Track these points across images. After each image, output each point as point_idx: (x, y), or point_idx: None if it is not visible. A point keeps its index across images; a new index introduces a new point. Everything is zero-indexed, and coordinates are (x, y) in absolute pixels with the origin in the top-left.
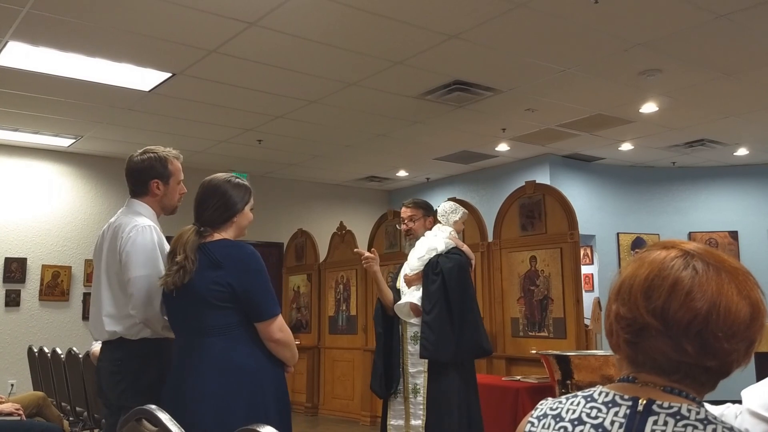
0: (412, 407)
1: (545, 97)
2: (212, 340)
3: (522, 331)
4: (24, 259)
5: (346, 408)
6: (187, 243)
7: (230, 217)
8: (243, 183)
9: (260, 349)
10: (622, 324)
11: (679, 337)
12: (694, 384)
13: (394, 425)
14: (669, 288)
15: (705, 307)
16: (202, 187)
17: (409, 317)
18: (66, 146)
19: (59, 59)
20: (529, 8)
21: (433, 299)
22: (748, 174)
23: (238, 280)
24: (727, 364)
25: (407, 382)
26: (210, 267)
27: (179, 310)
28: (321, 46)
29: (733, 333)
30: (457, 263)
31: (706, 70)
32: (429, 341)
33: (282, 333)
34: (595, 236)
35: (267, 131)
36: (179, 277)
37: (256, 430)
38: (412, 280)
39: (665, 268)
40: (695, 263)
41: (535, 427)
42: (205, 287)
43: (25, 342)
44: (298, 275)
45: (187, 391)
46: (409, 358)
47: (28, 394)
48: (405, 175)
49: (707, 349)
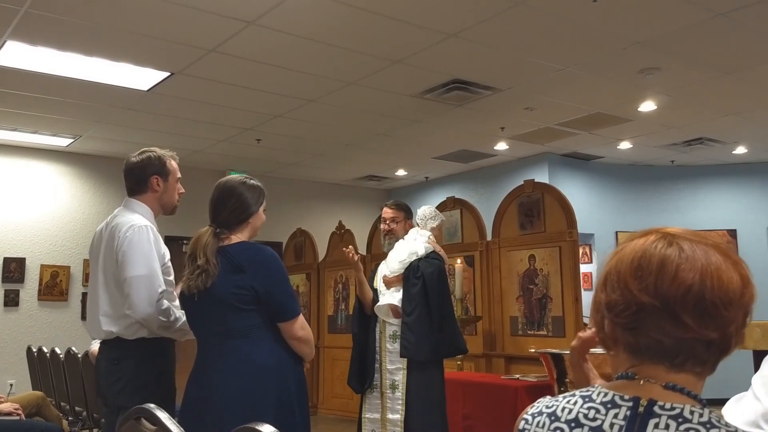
0: (390, 402)
1: (544, 95)
2: (236, 342)
3: (521, 330)
4: (23, 259)
5: (345, 407)
6: (206, 246)
7: (246, 219)
8: (257, 184)
9: (282, 347)
10: (616, 311)
11: (677, 310)
12: (697, 364)
13: (369, 418)
14: (658, 264)
15: (697, 277)
16: (218, 189)
17: (388, 317)
18: (65, 146)
19: (58, 59)
20: (528, 7)
21: (413, 302)
22: (747, 172)
23: (261, 283)
24: (728, 336)
25: (384, 378)
26: (232, 271)
27: (201, 313)
28: (319, 45)
29: (729, 300)
30: (437, 268)
31: (705, 69)
32: (409, 341)
33: (304, 330)
34: (594, 235)
35: (266, 130)
36: (201, 281)
37: (256, 429)
38: (392, 282)
39: (649, 248)
40: (678, 242)
41: (529, 424)
42: (228, 291)
43: (24, 342)
44: (297, 274)
45: (215, 393)
46: (387, 355)
47: (27, 394)
48: (404, 174)
49: (707, 319)
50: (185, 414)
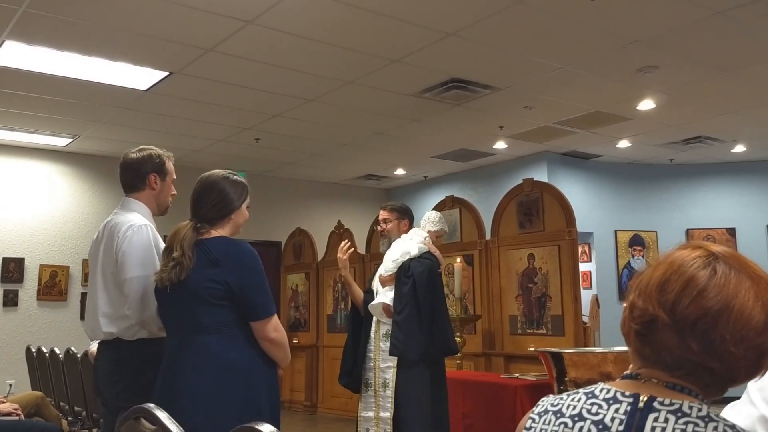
0: (382, 400)
1: (543, 94)
2: (206, 338)
3: (520, 329)
4: (22, 259)
5: (344, 407)
6: (183, 239)
7: (227, 214)
8: (240, 180)
9: (254, 347)
10: (635, 314)
11: (685, 333)
12: (698, 383)
13: (364, 416)
14: (683, 284)
15: (716, 307)
16: (200, 183)
17: (382, 317)
18: (63, 146)
19: (56, 58)
20: (527, 6)
21: (403, 301)
22: (746, 170)
23: (236, 279)
24: (734, 370)
25: (377, 377)
26: (207, 264)
27: (173, 306)
28: (318, 44)
29: (742, 338)
30: (427, 267)
31: (703, 67)
32: (398, 340)
33: (277, 333)
34: (593, 234)
35: (264, 130)
36: (175, 273)
37: (256, 428)
38: (386, 281)
39: (684, 265)
40: (716, 264)
41: (536, 423)
42: (201, 285)
43: (23, 342)
44: (296, 274)
45: (181, 388)
46: (380, 354)
47: (26, 394)
48: (403, 173)
49: (712, 350)
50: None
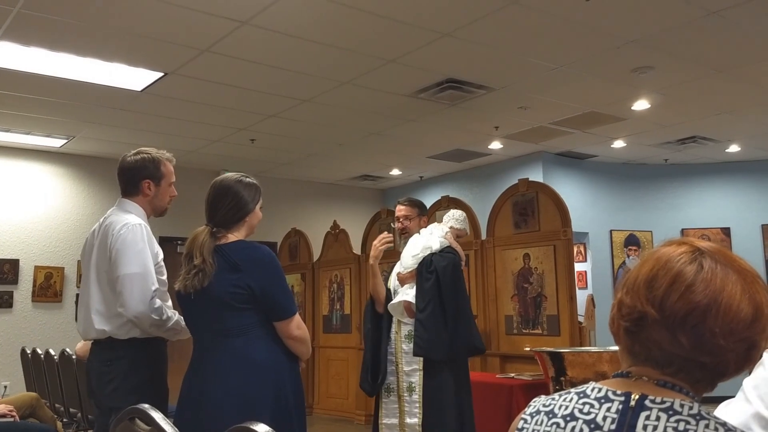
0: (407, 405)
1: (538, 94)
2: (233, 340)
3: (516, 329)
4: (16, 261)
5: (340, 407)
6: (203, 246)
7: (242, 217)
8: (253, 182)
9: (278, 345)
10: (623, 312)
11: (674, 328)
12: (689, 379)
13: (387, 424)
14: (671, 279)
15: (704, 302)
16: (214, 187)
17: (403, 317)
18: (58, 147)
19: (50, 59)
20: (522, 6)
21: (426, 297)
22: (740, 170)
23: (258, 282)
24: (723, 363)
25: (401, 381)
26: (228, 269)
27: (198, 312)
28: (313, 44)
29: (731, 331)
30: (451, 262)
31: (698, 67)
32: (422, 339)
33: (300, 330)
34: (589, 233)
35: (260, 130)
36: (198, 280)
37: (251, 428)
38: (406, 279)
39: (671, 260)
40: (703, 259)
41: (528, 423)
42: (224, 290)
43: (18, 343)
44: (292, 274)
45: (212, 390)
46: (403, 356)
47: (21, 395)
48: (398, 173)
49: (702, 345)
50: (181, 414)
